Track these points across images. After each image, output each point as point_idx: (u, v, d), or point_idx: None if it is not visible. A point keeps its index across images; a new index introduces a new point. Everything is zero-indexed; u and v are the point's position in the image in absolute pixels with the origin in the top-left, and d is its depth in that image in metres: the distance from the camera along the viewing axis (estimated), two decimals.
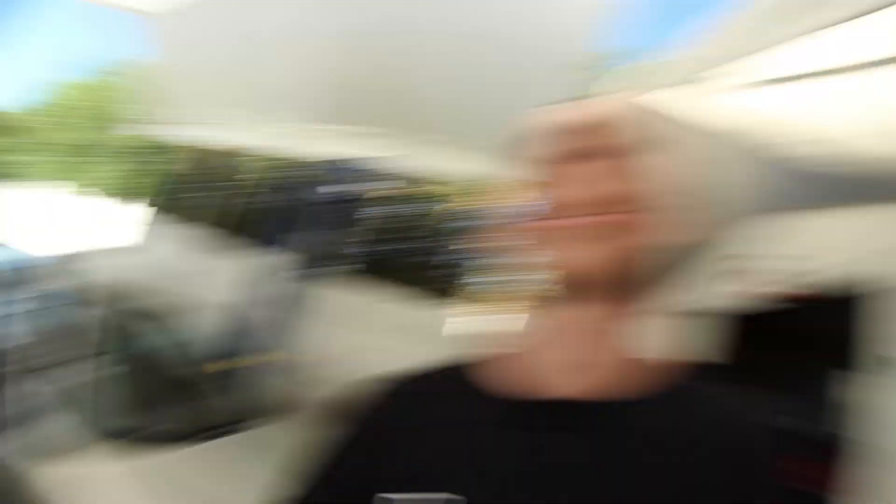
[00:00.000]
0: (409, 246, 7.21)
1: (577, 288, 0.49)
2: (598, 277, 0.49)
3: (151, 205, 7.80)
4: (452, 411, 0.54)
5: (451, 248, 7.20)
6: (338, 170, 5.65)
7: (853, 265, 2.55)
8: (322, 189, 5.64)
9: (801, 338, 4.36)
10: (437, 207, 7.14)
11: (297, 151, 7.17)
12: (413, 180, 7.56)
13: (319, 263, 6.00)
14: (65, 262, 3.58)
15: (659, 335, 0.59)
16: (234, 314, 5.37)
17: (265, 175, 7.90)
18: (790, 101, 2.46)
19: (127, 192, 10.81)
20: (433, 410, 0.56)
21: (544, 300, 0.52)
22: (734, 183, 3.28)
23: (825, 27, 1.46)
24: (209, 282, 6.36)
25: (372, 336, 5.83)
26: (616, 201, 0.49)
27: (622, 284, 0.50)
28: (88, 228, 8.36)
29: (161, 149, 8.90)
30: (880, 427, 2.27)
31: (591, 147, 0.51)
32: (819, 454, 3.39)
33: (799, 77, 2.05)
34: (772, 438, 0.53)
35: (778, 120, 2.86)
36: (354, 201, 5.85)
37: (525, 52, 5.19)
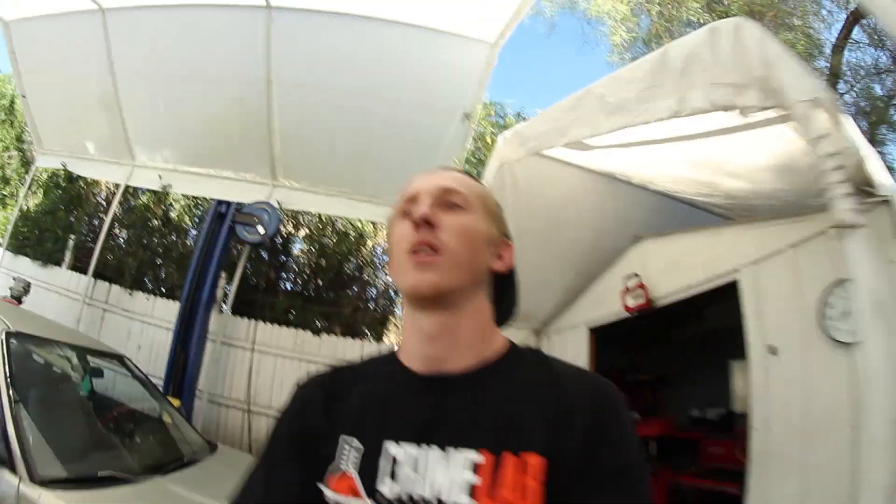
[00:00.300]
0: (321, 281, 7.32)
1: (415, 301, 0.76)
2: (425, 295, 0.73)
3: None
4: (383, 382, 0.78)
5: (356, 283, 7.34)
6: (243, 213, 5.64)
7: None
8: (242, 230, 5.61)
9: (691, 335, 4.83)
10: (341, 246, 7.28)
11: (179, 191, 6.90)
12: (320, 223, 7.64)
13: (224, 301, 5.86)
14: None
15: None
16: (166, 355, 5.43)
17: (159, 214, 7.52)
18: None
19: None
20: (372, 381, 0.79)
21: (406, 309, 0.79)
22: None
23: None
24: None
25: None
26: (426, 246, 0.73)
27: (446, 298, 0.74)
28: None
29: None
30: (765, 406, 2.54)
31: (412, 209, 0.77)
32: (721, 433, 3.79)
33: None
34: (604, 389, 0.71)
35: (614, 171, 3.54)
36: (264, 241, 5.83)
37: (415, 107, 5.44)
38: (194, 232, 7.65)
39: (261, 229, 5.70)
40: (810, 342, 2.33)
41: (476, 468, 0.65)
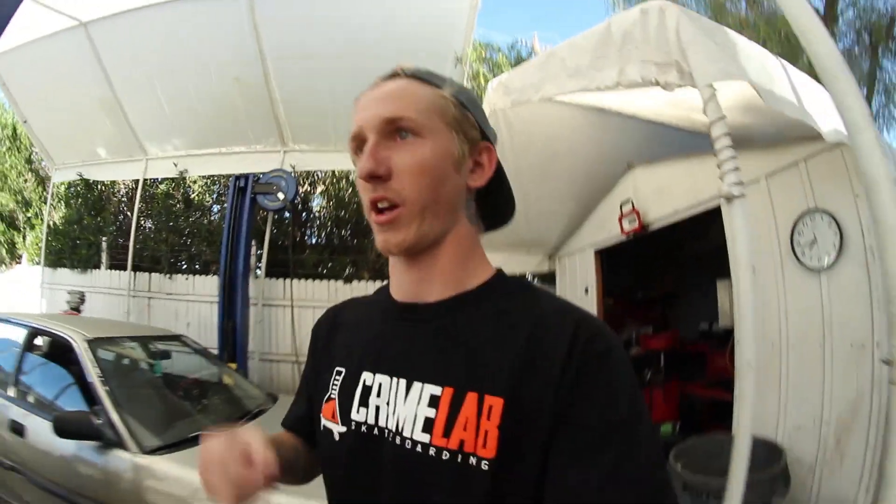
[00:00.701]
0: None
1: (390, 252, 0.71)
2: (395, 255, 0.72)
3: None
4: (370, 310, 0.82)
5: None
6: (267, 182, 5.93)
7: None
8: (263, 199, 5.93)
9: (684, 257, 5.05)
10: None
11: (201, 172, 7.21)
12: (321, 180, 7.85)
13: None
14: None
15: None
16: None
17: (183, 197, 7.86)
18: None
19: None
20: (363, 309, 0.84)
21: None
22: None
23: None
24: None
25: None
26: (384, 201, 0.68)
27: (419, 247, 0.69)
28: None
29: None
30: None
31: (361, 155, 0.70)
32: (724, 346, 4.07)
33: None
34: (589, 333, 0.62)
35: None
36: (288, 206, 6.17)
37: (407, 57, 5.45)
38: (216, 207, 8.05)
39: (280, 196, 6.00)
40: (784, 266, 2.59)
41: (436, 404, 0.63)
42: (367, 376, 0.71)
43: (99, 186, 8.37)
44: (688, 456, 2.58)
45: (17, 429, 3.01)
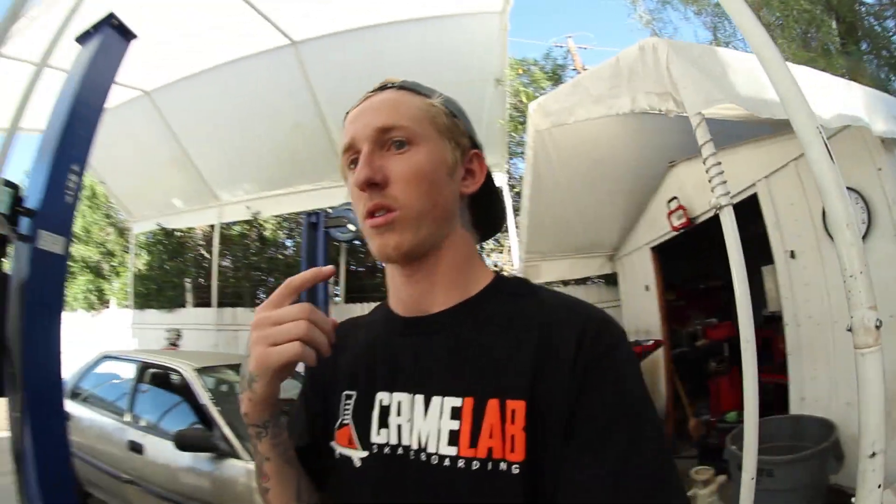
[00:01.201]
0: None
1: (388, 257, 0.68)
2: (392, 259, 0.68)
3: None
4: (371, 330, 0.78)
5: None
6: (334, 216, 6.40)
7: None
8: (335, 232, 6.39)
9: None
10: None
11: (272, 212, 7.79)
12: None
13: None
14: None
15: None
16: None
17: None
18: None
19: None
20: (361, 330, 0.79)
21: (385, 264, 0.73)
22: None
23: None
24: None
25: None
26: (380, 209, 0.66)
27: (415, 252, 0.68)
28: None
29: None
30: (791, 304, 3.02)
31: (356, 166, 0.68)
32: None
33: None
34: (595, 326, 0.62)
35: None
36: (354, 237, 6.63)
37: (451, 86, 5.86)
38: (290, 242, 8.75)
39: (351, 227, 6.46)
40: (820, 246, 2.74)
41: (458, 415, 0.63)
42: (383, 396, 0.69)
43: (176, 233, 9.17)
44: (739, 438, 2.77)
45: (136, 447, 3.55)
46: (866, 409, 1.14)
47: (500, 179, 7.02)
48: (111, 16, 2.76)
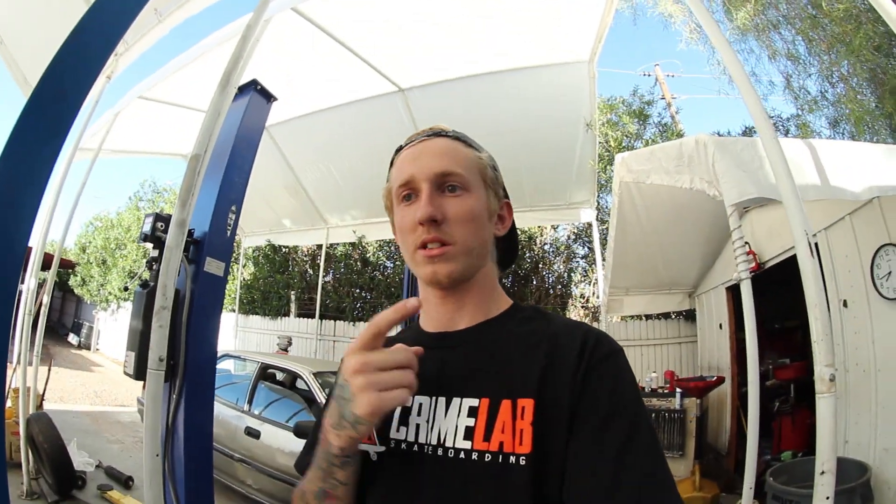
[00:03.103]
0: None
1: (433, 287, 0.79)
2: (443, 285, 0.77)
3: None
4: (404, 342, 0.78)
5: None
6: None
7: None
8: None
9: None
10: None
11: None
12: None
13: None
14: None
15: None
16: None
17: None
18: None
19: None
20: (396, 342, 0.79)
21: (420, 282, 0.82)
22: None
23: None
24: None
25: None
26: (436, 242, 0.75)
27: (459, 281, 0.77)
28: None
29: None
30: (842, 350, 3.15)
31: (413, 199, 0.79)
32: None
33: None
34: (594, 340, 0.70)
35: None
36: None
37: (546, 130, 6.41)
38: (390, 264, 9.50)
39: None
40: (869, 297, 2.93)
41: (475, 414, 0.69)
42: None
43: (283, 249, 10.17)
44: (779, 473, 2.97)
45: (253, 433, 4.26)
46: (821, 438, 1.54)
47: (589, 214, 7.33)
48: (254, 82, 3.25)
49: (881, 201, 2.80)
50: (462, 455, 0.68)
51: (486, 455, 0.66)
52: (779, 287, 5.03)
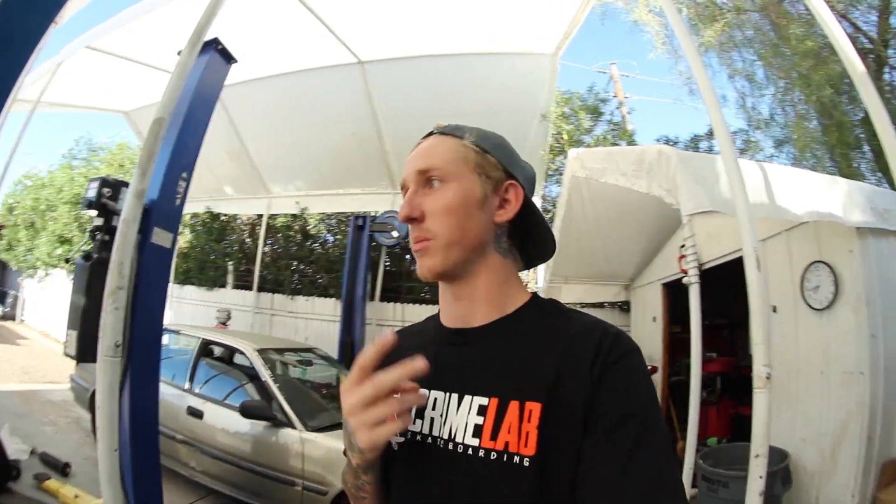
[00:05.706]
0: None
1: (425, 276, 0.79)
2: (429, 278, 0.79)
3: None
4: (422, 337, 0.86)
5: None
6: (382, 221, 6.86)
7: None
8: (379, 236, 6.86)
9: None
10: None
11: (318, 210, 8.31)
12: None
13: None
14: None
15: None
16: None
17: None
18: None
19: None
20: (414, 338, 0.86)
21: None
22: None
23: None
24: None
25: None
26: (420, 240, 0.78)
27: (450, 274, 0.79)
28: None
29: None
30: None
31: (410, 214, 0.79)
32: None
33: None
34: (612, 338, 0.70)
35: None
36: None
37: (499, 117, 6.44)
38: (330, 238, 9.31)
39: (394, 234, 7.03)
40: (797, 306, 3.22)
41: (484, 412, 0.71)
42: (423, 392, 0.75)
43: (221, 217, 9.77)
44: (707, 457, 3.25)
45: (196, 413, 4.11)
46: (756, 426, 1.83)
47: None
48: (216, 41, 3.05)
49: (817, 224, 3.04)
50: (470, 451, 0.70)
51: (493, 453, 0.68)
52: (712, 287, 5.38)
